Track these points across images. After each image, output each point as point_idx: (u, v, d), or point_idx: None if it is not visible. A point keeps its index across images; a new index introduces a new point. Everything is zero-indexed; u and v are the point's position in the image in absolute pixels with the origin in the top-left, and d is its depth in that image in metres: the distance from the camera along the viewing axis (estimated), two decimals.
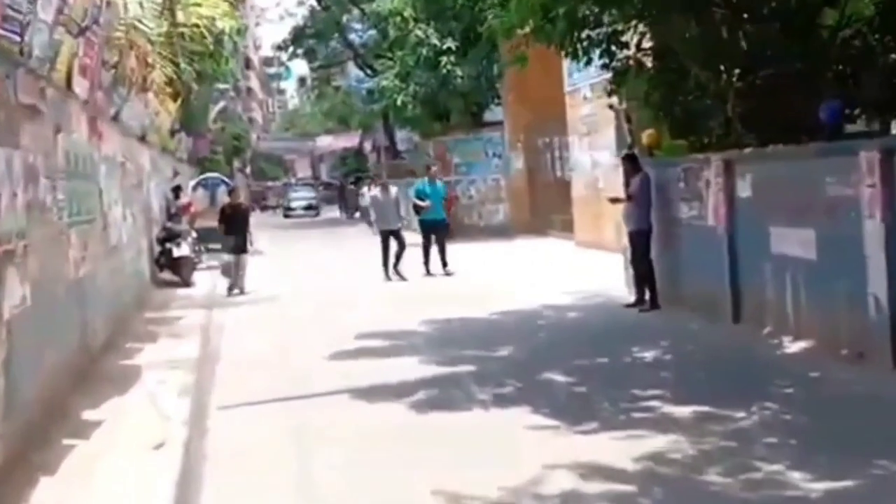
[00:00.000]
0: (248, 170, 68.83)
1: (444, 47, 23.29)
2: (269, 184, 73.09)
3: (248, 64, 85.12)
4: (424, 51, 23.29)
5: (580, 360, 8.75)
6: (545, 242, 22.46)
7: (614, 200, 12.14)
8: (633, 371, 8.33)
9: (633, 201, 11.33)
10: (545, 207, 23.80)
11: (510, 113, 24.39)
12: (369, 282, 16.16)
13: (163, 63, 13.80)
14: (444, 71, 23.28)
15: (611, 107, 12.44)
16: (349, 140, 57.14)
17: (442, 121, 25.16)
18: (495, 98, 25.14)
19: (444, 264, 16.29)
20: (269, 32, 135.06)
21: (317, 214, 48.14)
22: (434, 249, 16.44)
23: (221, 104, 50.55)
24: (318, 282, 16.55)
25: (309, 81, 55.15)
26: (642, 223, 11.29)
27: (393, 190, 16.97)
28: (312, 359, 9.59)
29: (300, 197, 52.66)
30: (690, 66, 9.69)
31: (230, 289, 15.24)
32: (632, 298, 12.02)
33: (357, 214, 43.80)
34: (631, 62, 10.78)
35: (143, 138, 17.04)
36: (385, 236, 16.16)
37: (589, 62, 10.73)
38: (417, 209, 16.50)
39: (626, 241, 12.58)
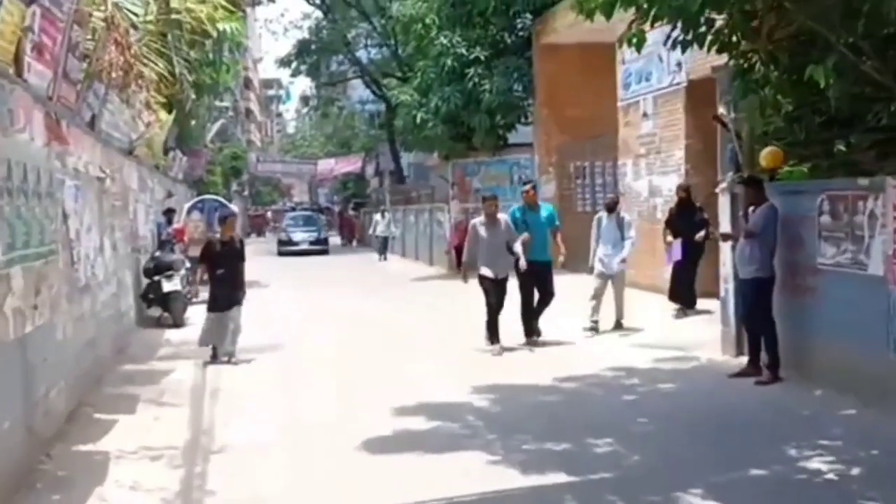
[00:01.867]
0: (245, 193, 66.47)
1: (472, 57, 20.82)
2: (275, 207, 70.66)
3: (247, 84, 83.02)
4: (449, 61, 20.82)
5: (723, 470, 6.16)
6: (581, 280, 19.87)
7: (726, 237, 9.63)
8: (817, 495, 5.72)
9: (753, 239, 8.81)
10: (576, 239, 21.26)
11: (542, 132, 21.89)
12: (390, 331, 13.60)
13: (153, 58, 11.26)
14: (471, 84, 20.80)
15: (716, 118, 9.96)
16: (351, 164, 54.78)
17: (464, 141, 22.63)
18: (523, 117, 22.67)
19: (533, 330, 11.52)
20: (272, 51, 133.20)
21: (326, 251, 35.39)
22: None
23: (220, 123, 48.36)
24: (330, 327, 13.95)
25: (314, 101, 52.64)
26: (765, 269, 8.77)
27: (503, 220, 11.27)
28: (340, 448, 7.06)
29: (301, 226, 37.66)
30: (858, 62, 7.20)
31: (214, 356, 10.97)
32: (731, 360, 9.62)
33: (355, 243, 41.51)
34: (757, 57, 8.30)
35: (130, 153, 14.56)
36: (491, 288, 11.13)
37: (721, 50, 8.24)
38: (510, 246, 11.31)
39: (724, 286, 10.13)
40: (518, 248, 11.13)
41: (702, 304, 12.91)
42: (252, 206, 70.46)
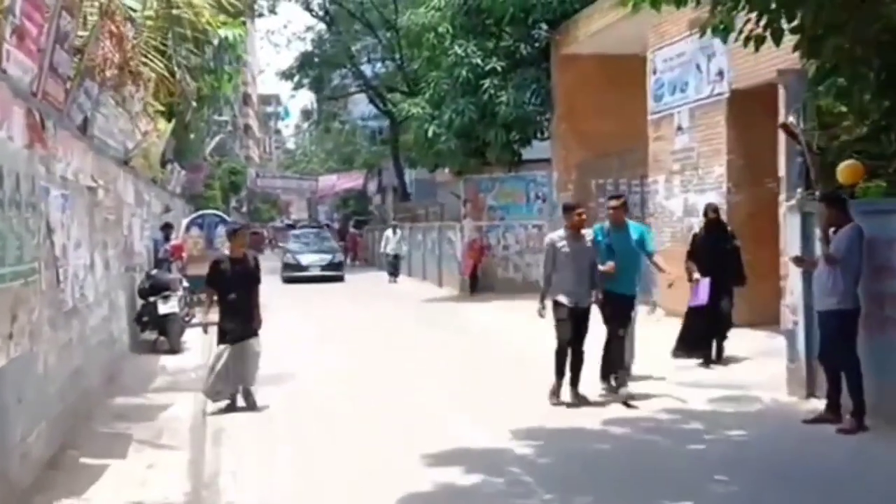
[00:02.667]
0: (244, 209, 65.49)
1: (488, 68, 19.78)
2: (273, 224, 69.58)
3: (245, 100, 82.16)
4: (464, 72, 19.78)
5: None
6: None
7: (799, 261, 8.54)
8: None
9: (835, 265, 7.73)
10: None
11: (560, 147, 20.85)
12: (412, 361, 12.48)
13: (152, 57, 10.20)
14: (486, 96, 19.76)
15: (784, 127, 8.89)
16: (353, 180, 53.88)
17: (477, 156, 21.55)
18: (539, 132, 21.65)
19: (616, 377, 9.26)
20: (273, 63, 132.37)
21: (341, 277, 29.29)
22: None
23: (219, 137, 47.48)
24: (346, 357, 12.72)
25: (315, 115, 51.70)
26: (849, 299, 7.66)
27: (588, 235, 9.20)
28: None
29: (311, 247, 30.79)
30: None
31: (226, 400, 9.17)
32: (801, 403, 8.58)
33: (358, 262, 40.14)
34: (839, 57, 7.25)
35: (126, 163, 13.49)
36: (567, 319, 8.93)
37: (800, 47, 7.19)
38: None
39: (790, 317, 9.05)
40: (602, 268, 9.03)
41: (748, 338, 11.74)
42: (250, 223, 69.43)
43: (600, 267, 9.03)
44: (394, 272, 28.27)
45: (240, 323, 9.08)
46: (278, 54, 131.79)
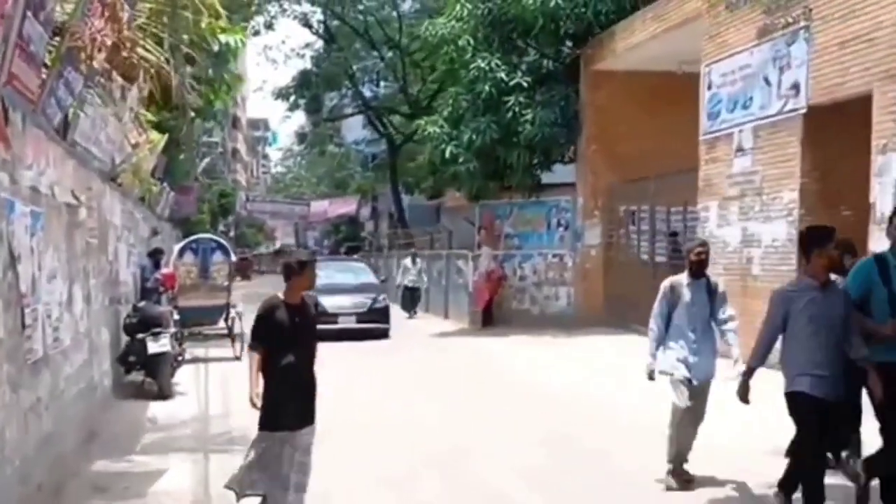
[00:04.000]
0: (231, 234, 63.78)
1: (513, 84, 18.15)
2: (262, 251, 67.92)
3: (234, 123, 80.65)
4: (487, 87, 18.13)
5: None
6: (635, 342, 17.07)
7: None
8: None
9: None
10: (622, 293, 18.51)
11: (588, 171, 19.20)
12: (448, 401, 10.72)
13: (147, 48, 8.48)
14: (510, 115, 18.11)
15: None
16: (346, 206, 52.28)
17: (496, 179, 19.81)
18: (562, 155, 20.03)
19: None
20: (270, 79, 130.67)
21: (386, 332, 19.11)
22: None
23: (207, 160, 45.90)
24: (375, 412, 10.87)
25: (310, 136, 50.09)
26: None
27: (839, 283, 6.08)
28: None
29: (338, 285, 18.82)
30: None
31: (260, 494, 5.89)
32: None
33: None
34: None
35: (113, 179, 11.75)
36: (817, 419, 5.85)
37: None
38: (867, 335, 5.89)
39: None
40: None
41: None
42: (238, 248, 67.76)
43: (878, 327, 5.88)
44: (412, 306, 24.88)
45: (299, 399, 5.87)
46: (276, 70, 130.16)
